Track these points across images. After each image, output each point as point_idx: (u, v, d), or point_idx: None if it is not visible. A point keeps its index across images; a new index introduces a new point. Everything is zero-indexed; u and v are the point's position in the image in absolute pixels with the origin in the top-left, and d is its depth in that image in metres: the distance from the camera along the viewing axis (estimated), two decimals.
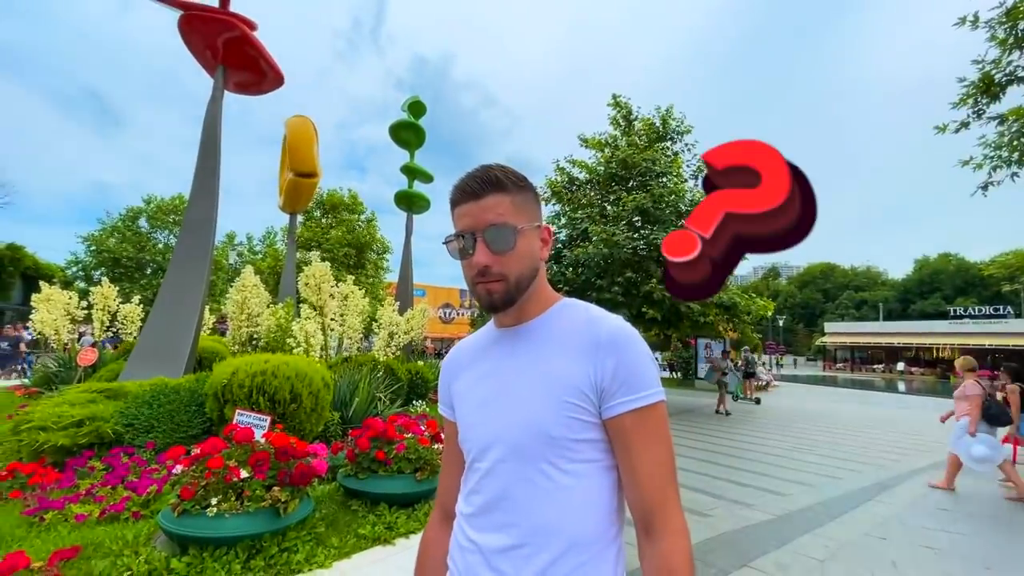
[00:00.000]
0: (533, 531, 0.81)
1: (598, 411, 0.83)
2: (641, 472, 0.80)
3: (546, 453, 0.82)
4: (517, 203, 0.88)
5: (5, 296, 24.16)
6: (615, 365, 0.81)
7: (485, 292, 0.89)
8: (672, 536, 0.78)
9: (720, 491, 5.72)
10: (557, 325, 0.90)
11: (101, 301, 8.20)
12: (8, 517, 2.82)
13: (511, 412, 0.86)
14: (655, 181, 14.07)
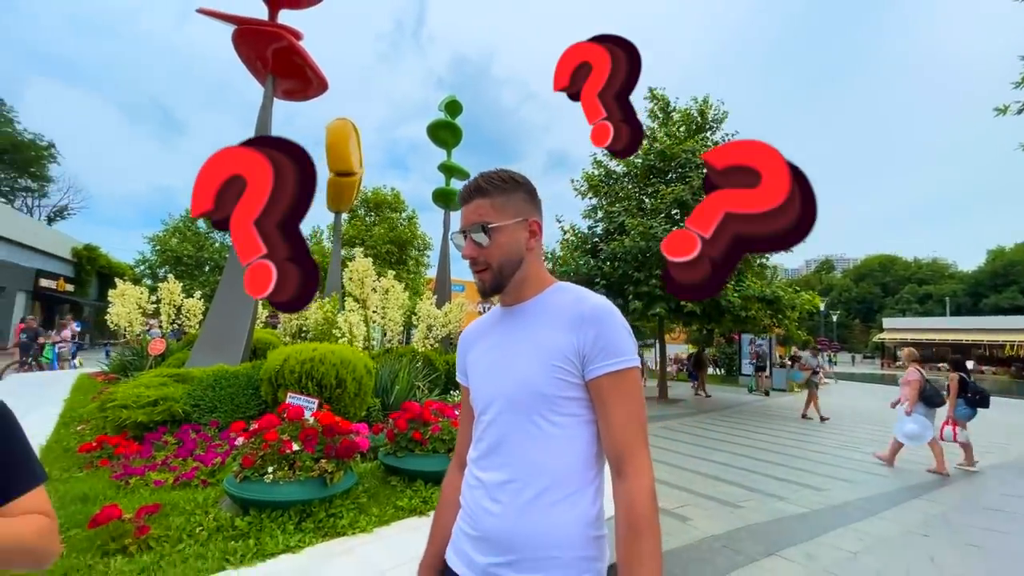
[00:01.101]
0: (525, 469, 0.99)
1: (581, 374, 0.98)
2: (614, 424, 0.96)
3: (537, 407, 0.99)
4: (497, 204, 1.07)
5: (83, 292, 26.32)
6: (595, 335, 0.97)
7: (478, 280, 1.09)
8: (636, 476, 0.93)
9: (755, 485, 5.69)
10: (550, 303, 1.07)
11: (167, 296, 8.92)
12: (99, 481, 3.25)
13: (510, 374, 1.04)
14: (694, 172, 13.79)
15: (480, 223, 1.05)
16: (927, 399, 6.60)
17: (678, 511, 4.66)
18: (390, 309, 7.56)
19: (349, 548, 2.52)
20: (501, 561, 0.97)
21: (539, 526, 0.95)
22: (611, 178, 16.02)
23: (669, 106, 15.65)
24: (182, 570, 2.18)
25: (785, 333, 25.54)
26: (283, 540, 2.49)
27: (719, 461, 6.80)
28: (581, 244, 15.74)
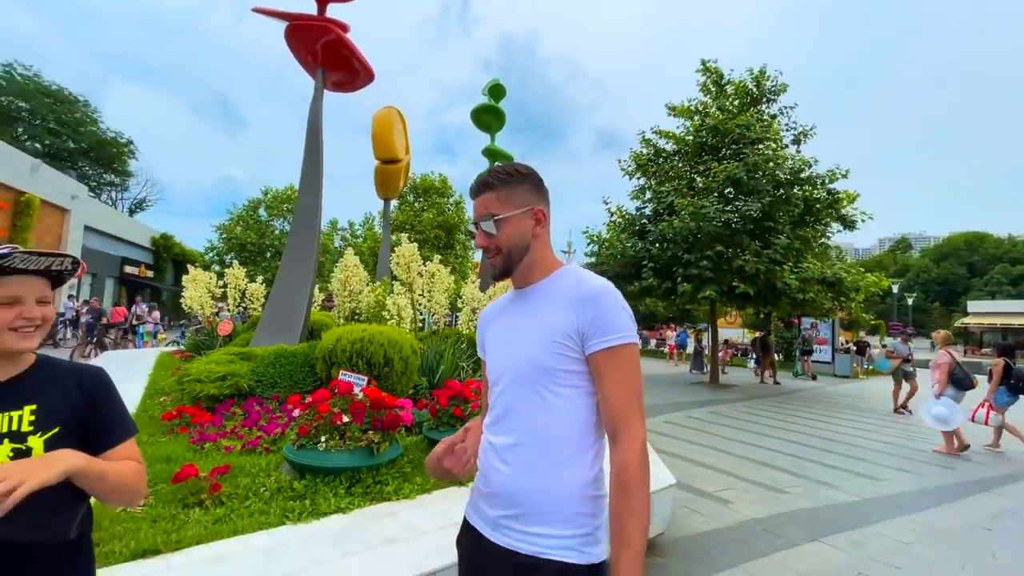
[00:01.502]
0: (529, 434, 1.09)
1: (581, 350, 1.07)
2: (609, 396, 1.05)
3: (540, 379, 1.09)
4: (503, 196, 1.17)
5: (161, 277, 28.61)
6: (593, 315, 1.06)
7: (491, 265, 1.20)
8: (629, 441, 1.01)
9: (805, 472, 5.53)
10: (554, 286, 1.16)
11: (233, 281, 9.61)
12: (179, 445, 3.64)
13: (517, 350, 1.15)
14: (749, 148, 13.14)
15: (488, 214, 1.16)
16: (957, 382, 6.59)
17: (719, 494, 4.62)
18: (436, 292, 7.80)
19: (393, 512, 2.72)
20: (508, 514, 1.08)
21: (541, 484, 1.05)
22: (660, 157, 15.51)
23: (723, 79, 14.90)
24: (249, 523, 2.45)
25: (849, 317, 24.13)
26: (335, 502, 2.72)
27: (768, 447, 6.63)
28: (628, 226, 15.41)
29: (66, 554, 1.02)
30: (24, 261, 0.98)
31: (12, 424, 0.97)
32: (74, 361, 1.18)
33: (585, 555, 1.02)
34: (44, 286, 1.05)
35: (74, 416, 1.04)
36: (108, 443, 1.07)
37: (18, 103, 29.80)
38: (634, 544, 0.95)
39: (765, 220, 12.55)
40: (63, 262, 1.06)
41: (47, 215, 17.74)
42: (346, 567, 2.11)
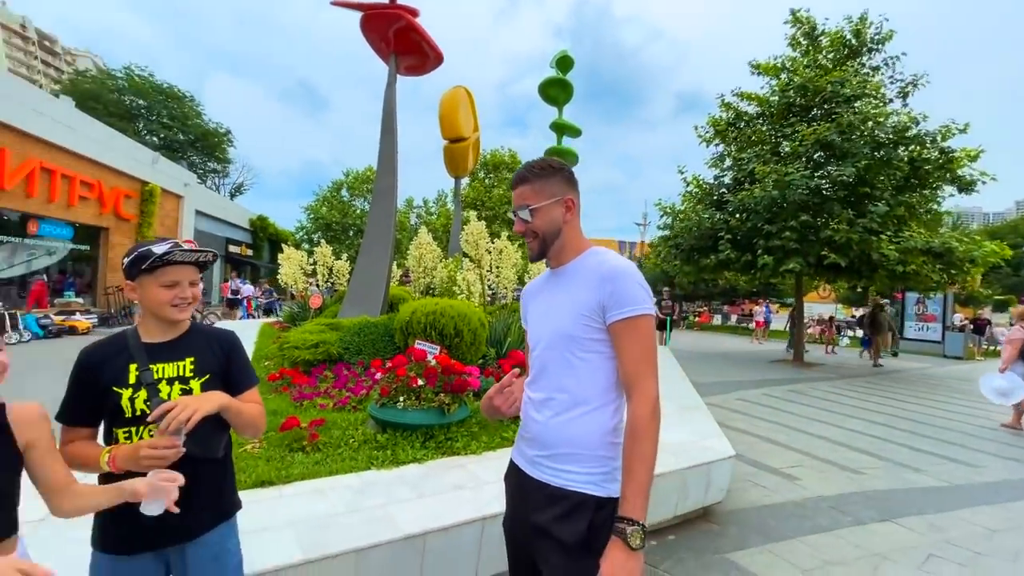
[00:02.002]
0: (558, 390, 1.30)
1: (603, 321, 1.25)
2: (625, 359, 1.23)
3: (568, 345, 1.29)
4: (536, 188, 1.35)
5: (259, 256, 31.46)
6: (612, 290, 1.23)
7: (529, 248, 1.41)
8: (641, 397, 1.20)
9: (887, 454, 5.26)
10: (581, 266, 1.35)
11: (322, 259, 10.51)
12: (283, 401, 4.24)
13: (551, 320, 1.35)
14: (844, 107, 11.94)
15: (524, 204, 1.35)
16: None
17: (787, 470, 4.55)
18: (504, 268, 8.08)
19: (461, 464, 3.04)
20: (542, 454, 1.31)
21: (567, 432, 1.27)
22: (741, 121, 14.51)
23: (815, 30, 13.53)
24: (341, 466, 2.88)
25: (965, 291, 21.52)
26: (411, 453, 3.09)
27: (849, 428, 6.31)
28: (705, 196, 14.69)
29: (219, 466, 1.39)
30: (181, 255, 1.31)
31: (180, 371, 1.33)
32: (214, 326, 1.56)
33: (604, 489, 1.23)
34: (194, 272, 1.37)
35: (219, 367, 1.40)
36: (240, 388, 1.43)
37: (137, 101, 33.68)
38: (639, 479, 1.14)
39: (861, 186, 11.46)
40: (207, 255, 1.39)
41: (166, 201, 20.14)
42: (420, 506, 2.45)
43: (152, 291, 1.30)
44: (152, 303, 1.31)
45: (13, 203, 13.11)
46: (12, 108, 12.45)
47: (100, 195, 16.15)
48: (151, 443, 1.17)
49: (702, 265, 14.49)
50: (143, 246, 1.31)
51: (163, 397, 1.27)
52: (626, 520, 1.12)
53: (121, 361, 1.28)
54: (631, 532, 1.10)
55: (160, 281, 1.30)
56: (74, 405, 1.27)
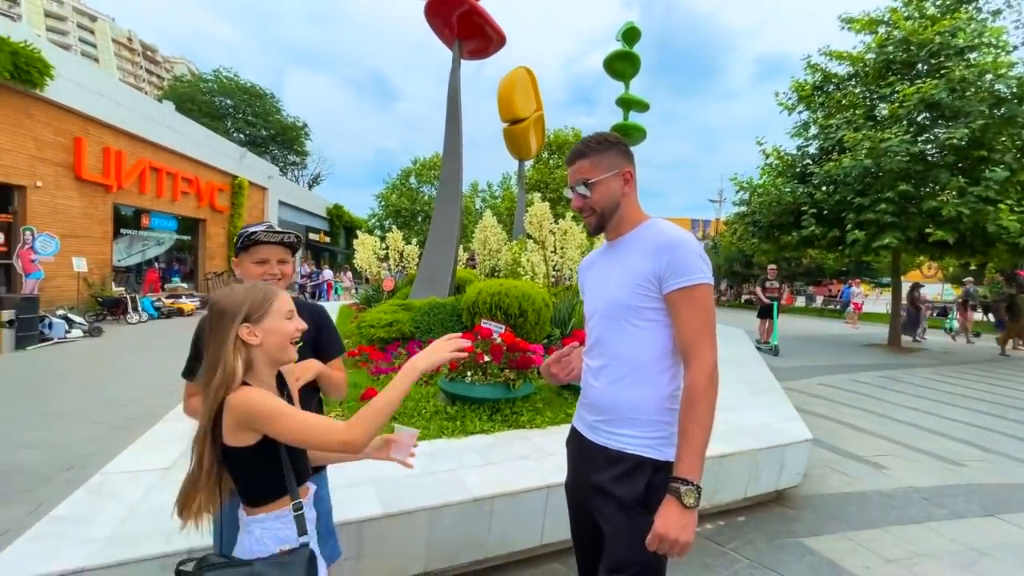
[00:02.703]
0: (614, 357, 1.34)
1: (659, 290, 1.27)
2: (683, 328, 1.25)
3: (624, 314, 1.32)
4: (595, 161, 1.37)
5: (336, 242, 33.35)
6: (668, 260, 1.25)
7: (586, 223, 1.45)
8: (698, 364, 1.22)
9: (996, 446, 4.76)
10: (639, 237, 1.37)
11: (393, 244, 11.01)
12: (362, 376, 4.56)
13: (608, 290, 1.38)
14: (954, 61, 10.55)
15: (582, 179, 1.37)
16: None
17: (873, 459, 4.25)
18: (568, 248, 8.05)
19: (526, 436, 3.15)
20: (601, 419, 1.36)
21: (623, 398, 1.33)
22: (830, 83, 13.23)
23: None
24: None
25: None
26: (479, 425, 3.25)
27: (948, 416, 5.75)
28: (787, 168, 13.64)
29: None
30: (266, 235, 1.49)
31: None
32: (308, 300, 1.76)
33: (660, 452, 1.28)
34: (284, 252, 1.54)
35: (309, 336, 1.55)
36: (328, 356, 1.65)
37: (225, 101, 36.54)
38: (694, 442, 1.17)
39: (975, 149, 10.15)
40: (290, 236, 1.55)
41: (253, 193, 21.85)
42: (488, 472, 2.58)
43: (247, 267, 1.50)
44: (248, 277, 1.48)
45: (129, 199, 14.81)
46: (126, 114, 13.98)
47: (198, 189, 17.82)
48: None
49: (783, 243, 13.57)
50: (246, 228, 1.50)
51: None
52: (680, 480, 1.16)
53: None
54: (685, 491, 1.14)
55: (252, 258, 1.49)
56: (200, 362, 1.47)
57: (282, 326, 1.18)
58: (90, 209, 13.11)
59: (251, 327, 1.14)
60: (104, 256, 13.81)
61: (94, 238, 13.33)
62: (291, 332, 1.20)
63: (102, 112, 13.04)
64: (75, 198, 12.58)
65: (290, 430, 1.06)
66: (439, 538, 2.26)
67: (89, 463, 3.52)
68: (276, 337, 1.17)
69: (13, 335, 7.94)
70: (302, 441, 1.08)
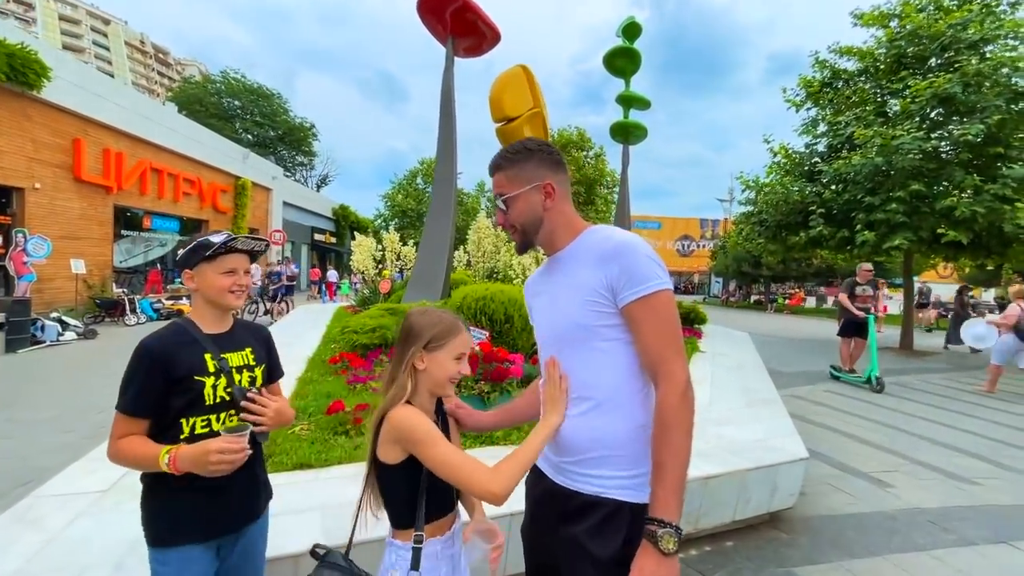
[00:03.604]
0: (579, 388, 1.18)
1: (614, 303, 1.11)
2: (646, 342, 1.09)
3: (581, 336, 1.16)
4: (510, 175, 1.22)
5: (342, 243, 33.36)
6: (619, 269, 1.10)
7: (513, 241, 1.31)
8: (668, 382, 1.06)
9: (1012, 462, 4.46)
10: (581, 248, 1.21)
11: (389, 245, 10.85)
12: (338, 384, 4.38)
13: (556, 312, 1.23)
14: (968, 54, 10.15)
15: (499, 194, 1.24)
16: (1020, 333, 7.20)
17: (878, 475, 3.99)
18: None
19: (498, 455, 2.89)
20: (569, 460, 1.19)
21: (592, 432, 1.15)
22: (839, 79, 12.88)
23: None
24: None
25: None
26: None
27: (963, 428, 5.45)
28: (795, 167, 13.31)
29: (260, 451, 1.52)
30: (242, 243, 1.38)
31: (245, 359, 1.42)
32: (247, 320, 1.67)
33: (639, 494, 1.10)
34: (247, 261, 1.43)
35: (266, 357, 1.51)
36: (274, 379, 1.57)
37: (233, 102, 36.73)
38: (670, 474, 1.02)
39: (991, 145, 9.78)
40: (260, 244, 1.44)
41: (256, 194, 21.87)
42: None
43: (212, 278, 1.35)
44: (212, 290, 1.36)
45: (130, 201, 14.83)
46: (127, 115, 13.99)
47: (200, 191, 17.84)
48: (220, 448, 1.19)
49: (790, 243, 13.26)
50: (201, 237, 1.37)
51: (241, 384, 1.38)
52: (656, 521, 1.01)
53: (196, 351, 1.32)
54: (662, 535, 0.99)
55: (220, 269, 1.35)
56: (144, 395, 1.25)
57: (449, 364, 1.21)
58: (89, 211, 13.12)
59: (424, 354, 1.20)
60: (104, 258, 13.83)
61: (94, 240, 13.35)
62: (455, 372, 1.22)
63: (101, 113, 13.05)
64: (74, 200, 12.60)
65: (434, 459, 1.08)
66: None
67: (47, 478, 3.37)
68: (440, 372, 1.21)
69: (3, 338, 7.89)
70: (444, 474, 1.08)
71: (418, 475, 1.15)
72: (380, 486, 1.21)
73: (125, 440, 1.23)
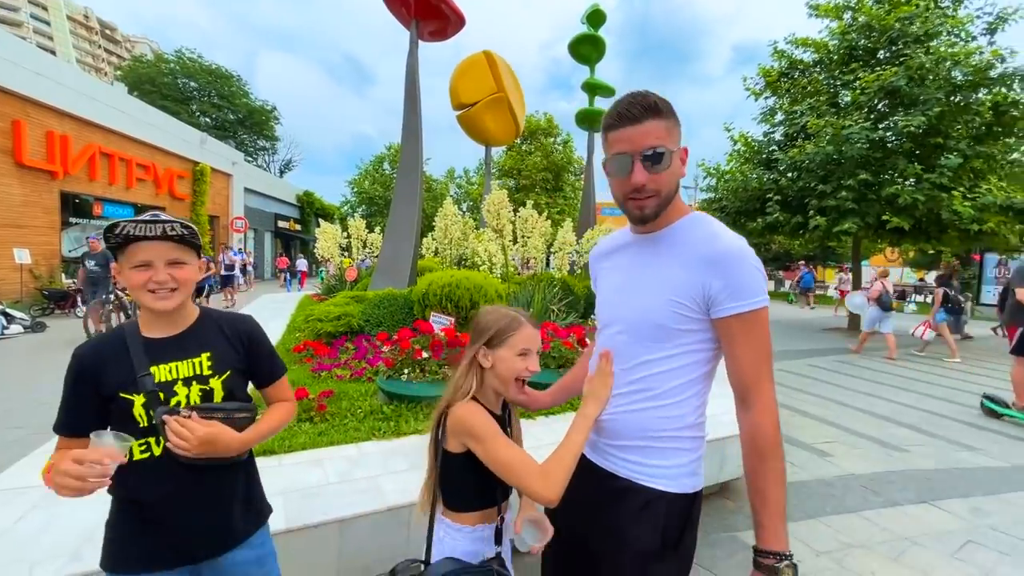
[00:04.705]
0: (632, 382, 1.13)
1: (704, 311, 1.04)
2: (741, 359, 1.03)
3: (654, 335, 1.09)
4: (670, 127, 1.04)
5: (308, 231, 32.57)
6: (725, 277, 1.01)
7: (637, 208, 1.09)
8: (763, 408, 1.01)
9: (940, 430, 4.85)
10: (681, 237, 1.10)
11: (355, 232, 10.72)
12: (302, 372, 4.37)
13: (633, 300, 1.13)
14: (913, 48, 10.66)
15: (658, 147, 1.02)
16: (881, 303, 8.80)
17: (819, 446, 4.29)
18: (532, 237, 7.93)
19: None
20: (612, 443, 1.17)
21: (644, 423, 1.12)
22: (796, 69, 13.29)
23: None
24: (343, 436, 2.94)
25: None
26: (414, 425, 3.11)
27: (899, 401, 5.87)
28: (754, 155, 13.73)
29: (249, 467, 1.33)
30: (137, 227, 1.06)
31: (196, 368, 1.15)
32: (228, 311, 1.33)
33: (679, 484, 1.09)
34: (176, 250, 1.11)
35: (240, 360, 1.23)
36: (268, 381, 1.32)
37: (189, 83, 35.03)
38: (777, 504, 0.99)
39: (932, 136, 10.34)
40: (173, 226, 1.10)
41: (216, 180, 21.07)
42: (411, 477, 2.46)
43: (125, 275, 1.10)
44: (131, 290, 1.11)
45: (79, 187, 14.08)
46: (71, 96, 13.20)
47: (155, 176, 17.07)
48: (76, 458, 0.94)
49: (748, 229, 13.70)
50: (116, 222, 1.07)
51: (180, 400, 1.12)
52: (773, 555, 0.96)
53: (125, 363, 1.10)
54: (783, 568, 0.95)
55: (130, 262, 1.08)
56: (73, 414, 1.10)
57: (513, 361, 1.20)
58: (33, 197, 12.40)
59: (487, 351, 1.21)
60: (51, 247, 13.15)
61: (39, 228, 12.65)
62: (518, 370, 1.21)
63: (42, 93, 12.29)
64: (15, 185, 11.88)
65: (488, 455, 1.11)
66: (351, 551, 2.14)
67: None
68: (504, 368, 1.20)
69: None
70: (499, 472, 1.10)
71: (474, 465, 1.15)
72: (441, 471, 1.22)
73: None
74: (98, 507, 1.20)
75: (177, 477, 1.12)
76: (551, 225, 8.73)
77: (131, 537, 1.14)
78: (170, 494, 1.13)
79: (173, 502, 1.13)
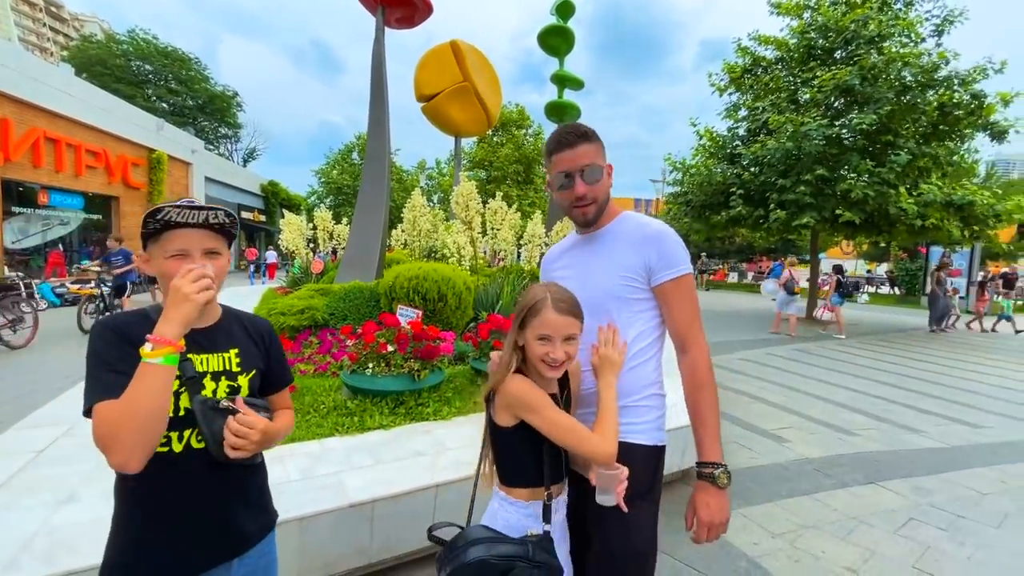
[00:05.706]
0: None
1: (647, 282, 1.32)
2: (676, 317, 1.32)
3: (611, 305, 1.34)
4: (599, 149, 1.35)
5: (272, 222, 31.63)
6: (657, 252, 1.30)
7: (582, 213, 1.38)
8: (696, 349, 1.30)
9: (888, 415, 5.11)
10: (619, 229, 1.39)
11: (321, 224, 10.46)
12: None
13: (591, 282, 1.37)
14: (866, 48, 11.08)
15: (592, 165, 1.32)
16: (787, 288, 10.51)
17: (776, 432, 4.46)
18: (502, 229, 7.91)
19: (428, 430, 3.02)
20: (589, 411, 1.31)
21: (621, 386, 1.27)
22: (759, 67, 13.62)
23: None
24: (305, 433, 2.88)
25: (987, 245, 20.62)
26: (379, 420, 3.08)
27: (852, 388, 6.16)
28: (718, 150, 14.05)
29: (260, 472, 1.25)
30: (179, 213, 1.00)
31: (226, 364, 1.09)
32: (248, 313, 1.28)
33: (651, 437, 1.33)
34: (208, 238, 1.05)
35: (262, 360, 1.18)
36: (276, 388, 1.25)
37: (144, 66, 33.28)
38: (712, 426, 1.27)
39: (882, 134, 10.81)
40: (216, 214, 1.04)
41: (174, 169, 20.18)
42: (373, 473, 2.43)
43: (159, 264, 1.02)
44: (162, 281, 1.02)
45: (22, 174, 13.25)
46: (11, 76, 12.36)
47: (107, 164, 16.21)
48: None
49: (712, 222, 14.05)
50: (159, 206, 1.00)
51: (207, 395, 1.04)
52: (710, 464, 1.24)
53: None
54: (718, 474, 1.22)
55: (165, 250, 1.02)
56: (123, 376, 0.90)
57: (533, 346, 1.20)
58: None
59: (519, 331, 1.23)
60: None
61: None
62: (542, 353, 1.19)
63: None
64: None
65: (544, 422, 1.15)
66: (313, 548, 2.11)
67: None
68: (530, 352, 1.21)
69: None
70: (556, 438, 1.15)
71: (522, 439, 1.21)
72: (494, 446, 1.28)
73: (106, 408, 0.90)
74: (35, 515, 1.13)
75: (197, 476, 1.05)
76: (521, 217, 8.74)
77: (144, 545, 1.04)
78: (190, 495, 1.05)
79: (191, 504, 1.05)
